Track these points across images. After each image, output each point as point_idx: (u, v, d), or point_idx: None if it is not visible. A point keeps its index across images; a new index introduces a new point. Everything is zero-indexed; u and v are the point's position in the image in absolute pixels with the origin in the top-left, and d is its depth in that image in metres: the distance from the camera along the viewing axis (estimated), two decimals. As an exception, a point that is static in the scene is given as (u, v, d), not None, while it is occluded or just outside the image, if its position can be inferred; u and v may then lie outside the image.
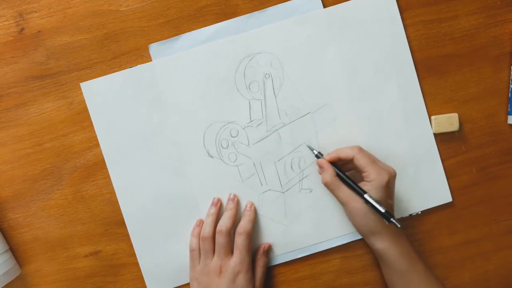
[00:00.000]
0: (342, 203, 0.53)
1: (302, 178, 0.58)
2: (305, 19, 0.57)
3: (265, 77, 0.57)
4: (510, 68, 0.58)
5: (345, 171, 0.55)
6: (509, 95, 0.58)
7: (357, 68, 0.57)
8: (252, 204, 0.57)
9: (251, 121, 0.57)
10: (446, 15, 0.58)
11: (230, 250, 0.54)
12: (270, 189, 0.57)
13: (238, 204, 0.57)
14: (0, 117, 0.57)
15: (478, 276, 0.59)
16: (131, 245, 0.57)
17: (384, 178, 0.51)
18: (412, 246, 0.53)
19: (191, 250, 0.56)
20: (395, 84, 0.58)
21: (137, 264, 0.58)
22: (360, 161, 0.52)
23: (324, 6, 0.57)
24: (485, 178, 0.59)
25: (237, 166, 0.57)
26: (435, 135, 0.58)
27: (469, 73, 0.58)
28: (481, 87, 0.59)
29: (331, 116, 0.57)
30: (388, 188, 0.51)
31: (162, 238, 0.57)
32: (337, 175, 0.54)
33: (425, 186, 0.58)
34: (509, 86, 0.58)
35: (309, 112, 0.57)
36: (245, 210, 0.57)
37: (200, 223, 0.57)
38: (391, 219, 0.50)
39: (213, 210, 0.56)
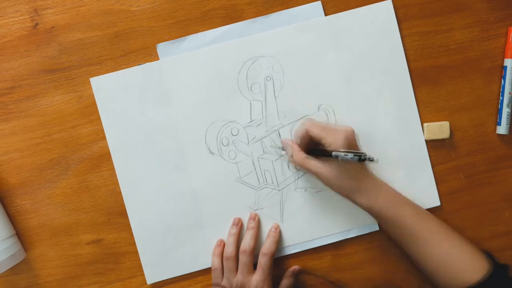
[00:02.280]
0: (315, 174, 0.54)
1: (298, 178, 0.60)
2: (306, 26, 0.59)
3: (267, 80, 0.60)
4: (501, 80, 0.61)
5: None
6: (499, 107, 0.61)
7: (355, 74, 0.60)
8: (277, 226, 0.60)
9: (251, 121, 0.60)
10: (442, 27, 0.61)
11: (252, 268, 0.57)
12: (267, 186, 0.60)
13: (259, 222, 0.60)
14: (12, 107, 0.59)
15: (462, 278, 0.62)
16: (132, 235, 0.60)
17: (341, 137, 0.52)
18: (396, 192, 0.55)
19: (214, 269, 0.58)
20: (391, 91, 0.60)
21: (137, 253, 0.60)
22: (314, 131, 0.54)
23: (326, 14, 0.60)
24: (472, 185, 0.61)
25: (236, 163, 0.60)
26: (427, 141, 0.61)
27: (461, 83, 0.61)
28: (472, 98, 0.61)
29: (327, 119, 0.60)
30: (350, 145, 0.53)
31: (161, 230, 0.60)
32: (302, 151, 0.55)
33: (415, 190, 0.60)
34: (499, 98, 0.61)
35: (307, 115, 0.60)
36: (270, 231, 0.59)
37: (221, 243, 0.59)
38: (365, 155, 0.50)
39: (235, 230, 0.59)
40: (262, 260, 0.57)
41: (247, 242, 0.57)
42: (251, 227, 0.58)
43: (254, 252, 0.57)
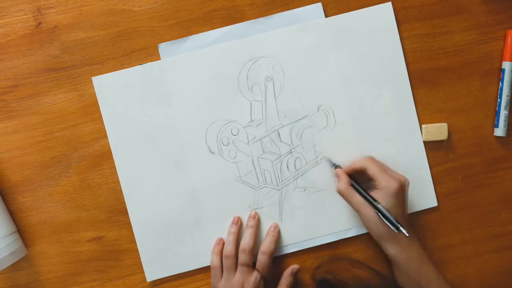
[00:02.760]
0: (356, 210, 0.56)
1: (297, 178, 0.61)
2: (307, 27, 0.60)
3: (267, 80, 0.60)
4: (499, 83, 0.61)
5: (361, 182, 0.58)
6: (496, 109, 0.61)
7: (354, 76, 0.60)
8: (276, 225, 0.60)
9: (251, 121, 0.61)
10: (441, 30, 0.61)
11: (252, 267, 0.57)
12: (266, 186, 0.61)
13: (258, 221, 0.60)
14: (14, 105, 0.60)
15: (459, 278, 0.62)
16: (132, 233, 0.60)
17: (394, 185, 0.54)
18: (424, 252, 0.56)
19: (213, 267, 0.59)
20: (390, 92, 0.61)
21: (137, 250, 0.60)
22: (372, 171, 0.55)
23: (326, 16, 0.60)
24: (469, 186, 0.62)
25: (236, 162, 0.60)
26: (425, 143, 0.61)
27: (459, 85, 0.62)
28: (470, 100, 0.62)
29: (327, 120, 0.60)
30: (399, 195, 0.54)
31: (161, 228, 0.60)
32: (352, 185, 0.57)
33: (413, 190, 0.61)
34: (497, 100, 0.61)
35: (306, 115, 0.60)
36: (269, 230, 0.60)
37: (220, 241, 0.60)
38: (400, 228, 0.52)
39: (234, 229, 0.59)
40: (261, 259, 0.57)
41: (246, 241, 0.58)
42: (251, 226, 0.59)
43: (254, 251, 0.58)
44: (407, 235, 0.52)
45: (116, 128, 0.60)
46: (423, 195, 0.61)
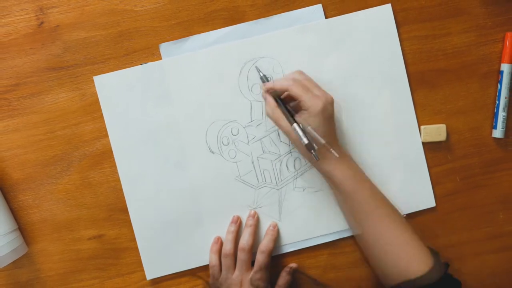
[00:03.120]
0: (286, 133, 0.55)
1: (297, 178, 0.61)
2: (307, 28, 0.60)
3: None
4: (497, 85, 0.62)
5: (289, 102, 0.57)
6: (495, 110, 0.62)
7: (354, 77, 0.61)
8: (276, 224, 0.61)
9: (251, 121, 0.61)
10: (440, 32, 0.62)
11: (250, 266, 0.58)
12: (266, 186, 0.61)
13: (258, 220, 0.61)
14: (16, 104, 0.60)
15: (456, 278, 0.63)
16: (132, 231, 0.61)
17: (318, 104, 0.52)
18: (358, 168, 0.56)
19: (211, 266, 0.59)
20: (389, 93, 0.61)
21: (137, 249, 0.61)
22: (294, 91, 0.54)
23: (326, 17, 0.61)
24: (468, 187, 0.63)
25: (236, 162, 0.61)
26: (423, 143, 0.62)
27: (458, 87, 0.62)
28: (469, 101, 0.62)
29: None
30: (324, 113, 0.53)
31: (161, 226, 0.61)
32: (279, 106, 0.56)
33: (411, 191, 0.61)
34: (495, 102, 0.62)
35: (306, 116, 0.61)
36: (268, 229, 0.60)
37: (218, 240, 0.60)
38: (312, 151, 0.51)
39: (234, 228, 0.60)
40: (260, 258, 0.58)
41: (245, 239, 0.58)
42: (250, 225, 0.59)
43: (252, 250, 0.58)
44: (337, 155, 0.52)
45: (117, 127, 0.60)
46: (421, 196, 0.62)
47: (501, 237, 0.63)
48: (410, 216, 0.62)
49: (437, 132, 0.61)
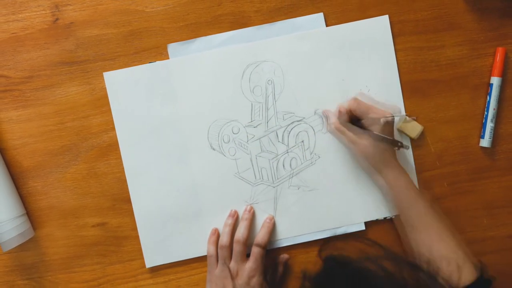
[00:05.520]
0: (352, 143, 0.59)
1: (292, 176, 0.64)
2: (308, 35, 0.63)
3: (268, 83, 0.64)
4: (487, 97, 0.65)
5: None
6: (483, 121, 0.65)
7: (350, 83, 0.64)
8: (272, 217, 0.64)
9: (251, 121, 0.64)
10: (435, 44, 0.64)
11: (245, 257, 0.61)
12: (262, 183, 0.64)
13: (253, 215, 0.64)
14: (29, 95, 0.63)
15: (440, 278, 0.66)
16: (134, 221, 0.64)
17: (379, 124, 0.57)
18: (413, 184, 0.60)
19: (209, 256, 0.62)
20: (382, 100, 0.64)
21: (138, 238, 0.64)
22: (357, 112, 0.59)
23: (327, 25, 0.64)
24: (454, 192, 0.65)
25: (235, 159, 0.64)
26: (412, 146, 0.64)
27: (449, 97, 0.65)
28: (459, 111, 0.65)
29: (322, 123, 0.64)
30: (384, 132, 0.57)
31: (162, 217, 0.64)
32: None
33: (400, 194, 0.64)
34: (484, 113, 0.65)
35: (303, 118, 0.64)
36: (264, 221, 0.63)
37: (215, 231, 0.63)
38: (398, 144, 0.57)
39: (230, 221, 0.63)
40: (256, 250, 0.61)
41: (241, 232, 0.61)
42: (246, 219, 0.62)
43: (248, 242, 0.61)
44: (409, 146, 0.57)
45: (123, 122, 0.63)
46: (410, 199, 0.64)
47: (484, 241, 0.65)
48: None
49: (412, 128, 0.63)
